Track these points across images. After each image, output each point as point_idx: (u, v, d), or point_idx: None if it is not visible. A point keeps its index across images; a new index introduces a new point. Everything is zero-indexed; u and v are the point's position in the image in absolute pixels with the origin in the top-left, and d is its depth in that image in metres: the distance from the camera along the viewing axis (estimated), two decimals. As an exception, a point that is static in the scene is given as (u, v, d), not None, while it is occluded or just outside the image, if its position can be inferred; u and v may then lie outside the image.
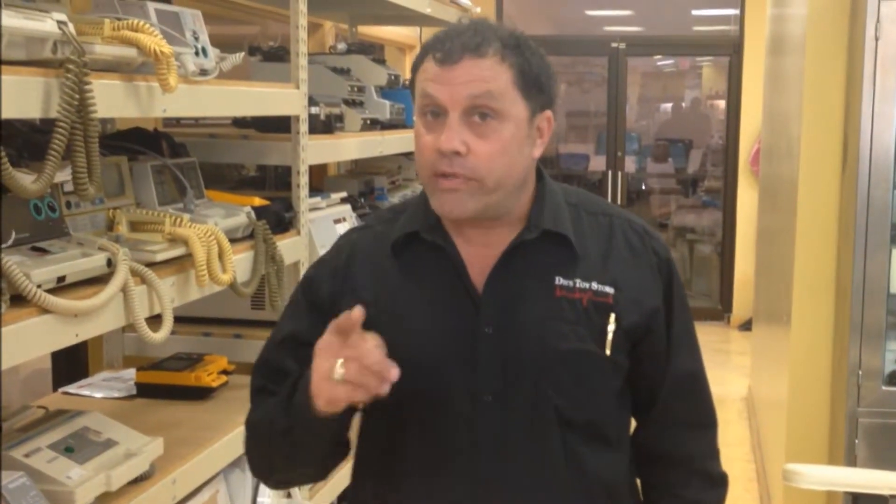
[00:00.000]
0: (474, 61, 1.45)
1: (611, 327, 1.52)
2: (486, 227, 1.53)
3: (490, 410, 1.51)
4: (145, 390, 2.54)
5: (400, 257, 1.57)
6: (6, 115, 1.54)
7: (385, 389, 1.37)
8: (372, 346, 1.36)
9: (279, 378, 1.58)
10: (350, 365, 1.35)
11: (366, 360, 1.35)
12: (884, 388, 3.16)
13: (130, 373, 2.65)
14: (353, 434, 1.61)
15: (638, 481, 1.68)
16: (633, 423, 1.67)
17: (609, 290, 1.53)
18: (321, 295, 1.60)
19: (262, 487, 2.44)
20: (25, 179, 1.57)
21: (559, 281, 1.52)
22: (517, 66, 1.46)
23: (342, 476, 2.80)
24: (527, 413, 1.51)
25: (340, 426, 1.49)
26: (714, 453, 1.68)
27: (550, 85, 1.51)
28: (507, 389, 1.50)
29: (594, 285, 1.53)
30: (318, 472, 1.64)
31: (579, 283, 1.52)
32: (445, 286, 1.54)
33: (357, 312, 1.36)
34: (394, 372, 1.36)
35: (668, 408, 1.62)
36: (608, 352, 1.52)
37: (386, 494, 1.59)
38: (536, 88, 1.49)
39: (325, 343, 1.39)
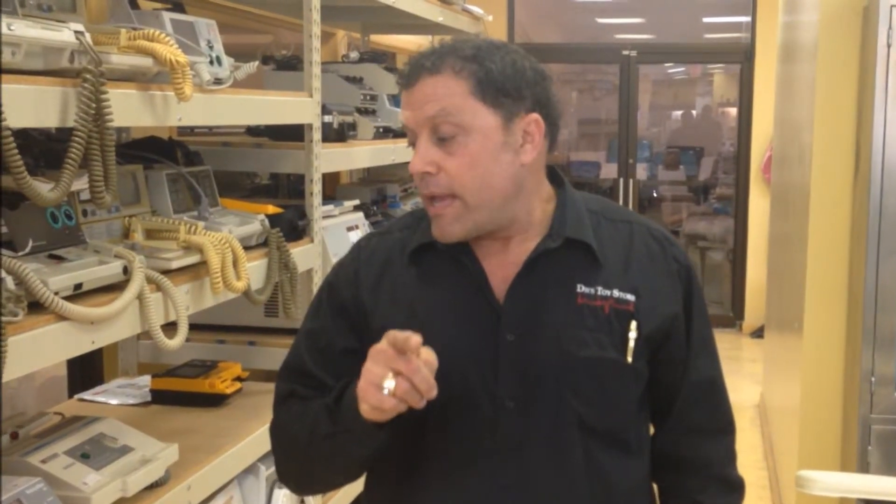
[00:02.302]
0: (428, 80, 1.46)
1: (632, 335, 1.52)
2: (502, 237, 1.53)
3: (512, 417, 1.50)
4: (160, 397, 2.55)
5: (419, 265, 1.57)
6: (25, 124, 1.55)
7: (422, 405, 1.37)
8: (423, 364, 1.36)
9: (309, 381, 1.58)
10: (400, 381, 1.35)
11: (415, 379, 1.35)
12: (897, 394, 3.15)
13: (145, 380, 2.67)
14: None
15: (655, 487, 1.68)
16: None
17: (630, 297, 1.52)
18: (345, 299, 1.60)
19: (276, 493, 2.45)
20: (43, 188, 1.58)
21: (581, 289, 1.52)
22: (474, 75, 1.45)
23: (356, 483, 2.80)
24: (548, 420, 1.51)
25: (385, 439, 1.47)
26: (732, 458, 1.68)
27: (526, 87, 1.48)
28: (528, 396, 1.50)
29: (615, 293, 1.52)
30: (352, 478, 1.63)
31: (601, 291, 1.52)
32: (466, 294, 1.53)
33: (416, 340, 1.35)
34: (434, 392, 1.37)
35: (685, 414, 1.62)
36: (630, 360, 1.52)
37: (405, 498, 1.59)
38: (503, 94, 1.46)
39: (380, 350, 1.38)
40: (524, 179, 1.51)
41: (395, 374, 1.35)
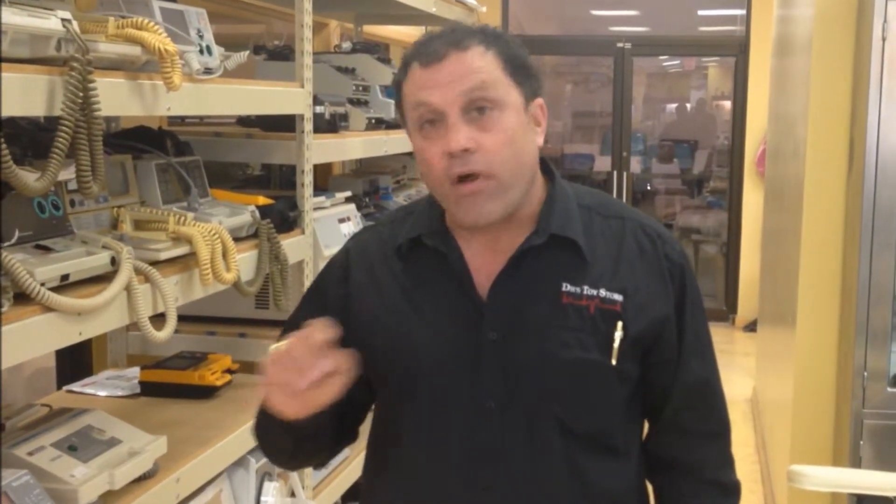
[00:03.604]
0: (459, 55, 1.42)
1: (618, 334, 1.47)
2: (493, 229, 1.49)
3: (492, 417, 1.48)
4: (149, 389, 2.54)
5: (405, 261, 1.55)
6: (11, 112, 1.54)
7: (300, 384, 1.36)
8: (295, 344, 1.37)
9: None
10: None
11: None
12: (889, 389, 3.15)
13: (134, 371, 2.65)
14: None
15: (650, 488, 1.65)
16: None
17: (618, 297, 1.48)
18: (330, 297, 1.60)
19: (266, 486, 2.44)
20: (29, 177, 1.57)
21: (566, 287, 1.48)
22: (503, 52, 1.44)
23: (346, 475, 2.80)
24: (527, 421, 1.48)
25: (310, 426, 1.48)
26: (726, 461, 1.64)
27: (537, 71, 1.50)
28: (508, 396, 1.48)
29: (602, 292, 1.48)
30: (324, 459, 1.70)
31: (587, 290, 1.48)
32: (450, 291, 1.51)
33: (319, 337, 1.35)
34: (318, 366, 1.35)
35: (678, 415, 1.58)
36: (614, 361, 1.48)
37: (389, 493, 1.59)
38: (525, 74, 1.46)
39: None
40: (536, 166, 1.50)
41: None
